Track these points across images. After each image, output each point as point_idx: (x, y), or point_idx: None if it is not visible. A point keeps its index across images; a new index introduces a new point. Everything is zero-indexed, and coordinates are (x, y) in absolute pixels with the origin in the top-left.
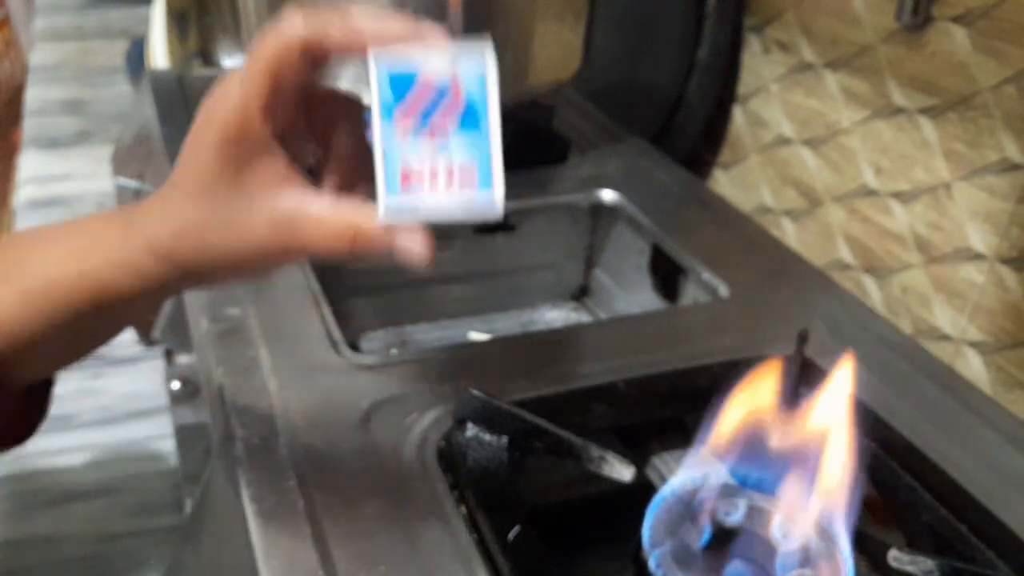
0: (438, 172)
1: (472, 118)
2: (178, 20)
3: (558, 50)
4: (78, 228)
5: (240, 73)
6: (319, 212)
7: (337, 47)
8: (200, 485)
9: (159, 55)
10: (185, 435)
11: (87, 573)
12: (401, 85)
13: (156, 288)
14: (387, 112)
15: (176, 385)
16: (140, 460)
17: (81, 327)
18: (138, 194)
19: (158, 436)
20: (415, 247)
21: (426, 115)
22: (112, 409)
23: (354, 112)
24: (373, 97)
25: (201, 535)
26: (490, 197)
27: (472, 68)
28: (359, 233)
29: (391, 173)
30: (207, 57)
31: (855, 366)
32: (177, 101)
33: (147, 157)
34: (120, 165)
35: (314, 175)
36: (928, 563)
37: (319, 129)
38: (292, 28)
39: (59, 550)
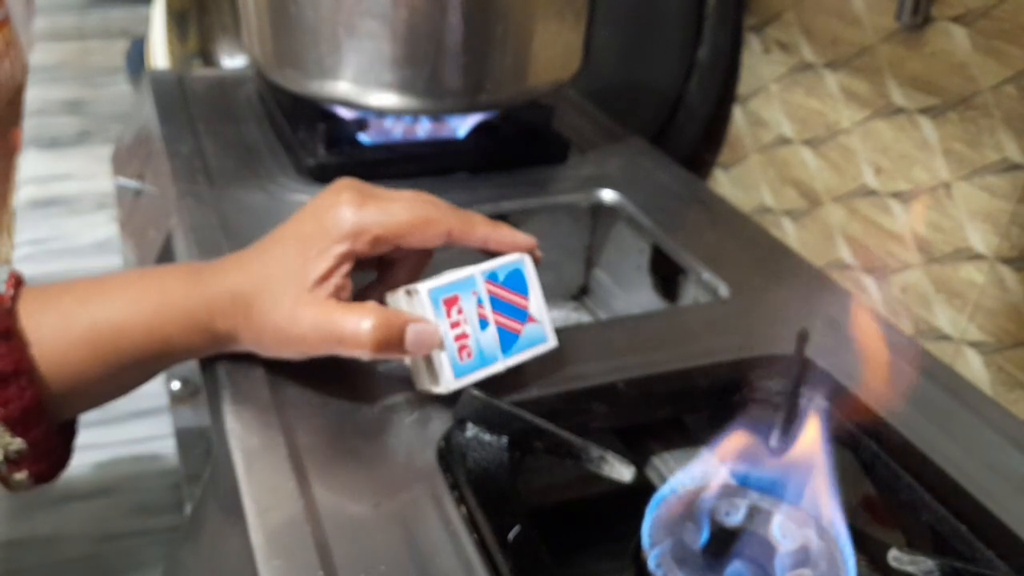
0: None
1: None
2: (178, 20)
3: (558, 50)
4: (147, 281)
5: (383, 215)
6: (356, 323)
7: (469, 245)
8: (200, 485)
9: (159, 55)
10: (185, 435)
11: (87, 573)
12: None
13: (211, 344)
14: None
15: (176, 385)
16: (140, 460)
17: (138, 372)
18: (138, 194)
19: (158, 436)
20: (424, 339)
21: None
22: (112, 409)
23: (422, 260)
24: (479, 287)
25: (201, 535)
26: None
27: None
28: (380, 340)
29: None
30: (207, 57)
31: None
32: (177, 101)
33: (147, 157)
34: (120, 165)
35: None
36: (928, 563)
37: (381, 261)
38: (446, 224)
39: (59, 550)
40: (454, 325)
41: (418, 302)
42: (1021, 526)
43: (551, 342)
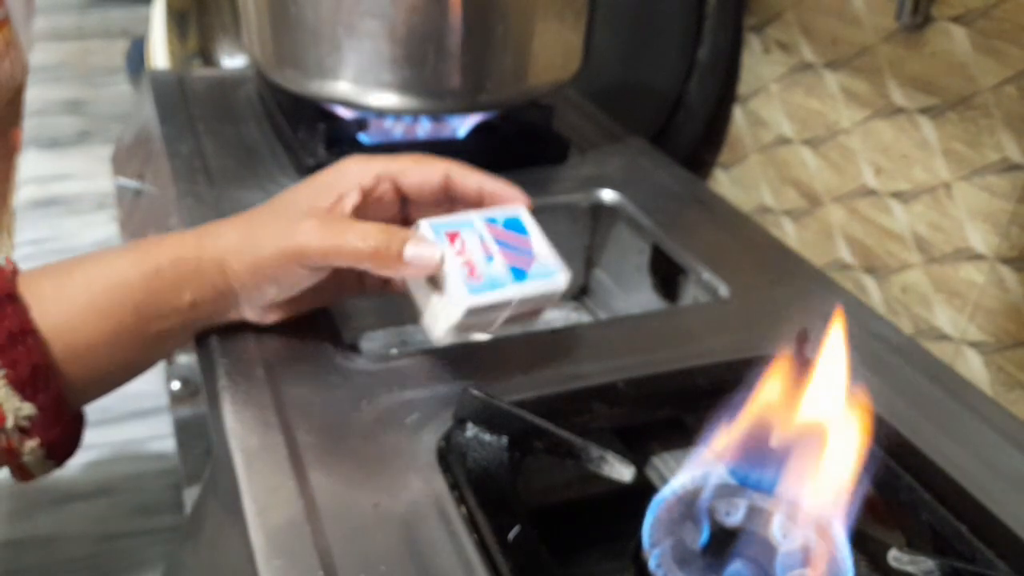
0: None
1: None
2: (178, 20)
3: (558, 50)
4: (143, 243)
5: (387, 158)
6: (357, 230)
7: (466, 191)
8: (200, 485)
9: (159, 55)
10: (185, 435)
11: (87, 573)
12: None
13: (203, 284)
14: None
15: (176, 385)
16: (140, 460)
17: (137, 333)
18: (138, 194)
19: (158, 436)
20: (424, 253)
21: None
22: (112, 409)
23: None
24: (478, 226)
25: (201, 535)
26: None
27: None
28: (381, 246)
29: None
30: (207, 57)
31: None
32: (177, 101)
33: (147, 157)
34: (120, 165)
35: None
36: (928, 563)
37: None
38: (444, 164)
39: (59, 550)
40: (459, 253)
41: (419, 233)
42: (1021, 526)
43: (563, 278)
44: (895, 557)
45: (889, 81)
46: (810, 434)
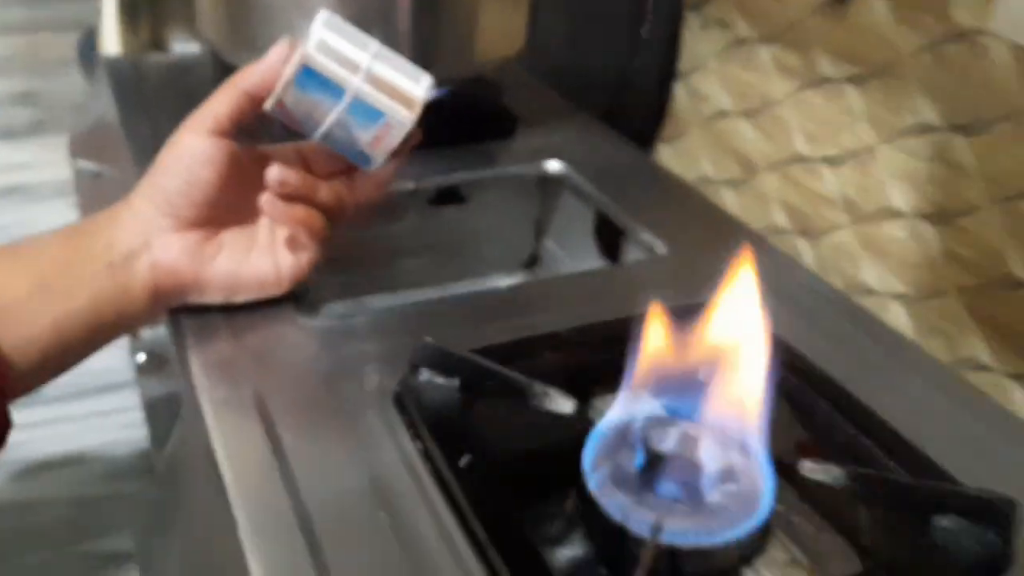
0: None
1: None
2: (129, 9)
3: (503, 27)
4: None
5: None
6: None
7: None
8: (169, 447)
9: (110, 45)
10: (152, 406)
11: (60, 537)
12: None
13: (114, 218)
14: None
15: (142, 357)
16: (110, 430)
17: (60, 287)
18: (98, 176)
19: (128, 408)
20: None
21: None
22: (81, 384)
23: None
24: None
25: (175, 484)
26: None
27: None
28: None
29: None
30: (160, 46)
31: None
32: (134, 86)
33: (106, 142)
34: (78, 150)
35: None
36: (837, 471)
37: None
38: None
39: (32, 515)
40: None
41: None
42: (922, 442)
43: (426, 80)
44: (808, 468)
45: (817, 53)
46: (722, 360)
